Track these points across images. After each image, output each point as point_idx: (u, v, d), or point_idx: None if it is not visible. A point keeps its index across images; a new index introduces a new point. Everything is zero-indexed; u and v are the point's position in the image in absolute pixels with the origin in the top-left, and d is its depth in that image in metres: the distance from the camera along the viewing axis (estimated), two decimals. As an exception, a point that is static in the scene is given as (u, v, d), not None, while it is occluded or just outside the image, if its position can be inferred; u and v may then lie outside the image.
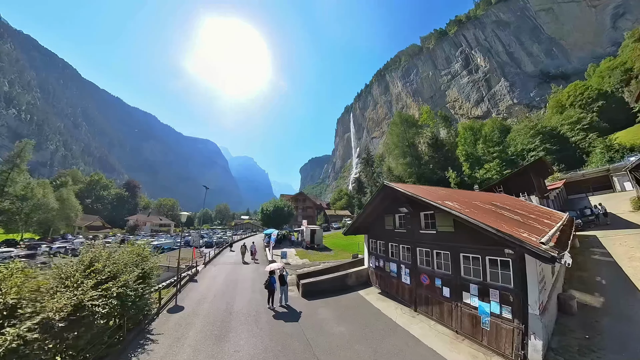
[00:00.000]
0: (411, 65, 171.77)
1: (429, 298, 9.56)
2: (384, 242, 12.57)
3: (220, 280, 15.73)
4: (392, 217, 11.91)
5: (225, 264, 20.85)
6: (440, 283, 9.11)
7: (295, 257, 21.88)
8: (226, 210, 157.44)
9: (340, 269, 14.21)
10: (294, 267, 17.85)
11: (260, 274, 16.35)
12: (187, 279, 15.38)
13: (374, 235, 13.56)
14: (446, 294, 8.81)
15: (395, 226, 11.80)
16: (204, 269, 19.16)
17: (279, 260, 19.88)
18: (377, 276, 13.00)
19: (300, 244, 30.25)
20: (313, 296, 11.76)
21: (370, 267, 13.71)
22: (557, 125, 61.59)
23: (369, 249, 13.85)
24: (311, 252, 24.60)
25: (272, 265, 11.42)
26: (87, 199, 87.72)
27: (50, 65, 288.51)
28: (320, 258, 21.40)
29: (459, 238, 8.53)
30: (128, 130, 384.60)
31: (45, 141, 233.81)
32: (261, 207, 42.94)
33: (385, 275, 12.30)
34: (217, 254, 25.29)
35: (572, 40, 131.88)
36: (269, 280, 10.66)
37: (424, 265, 10.00)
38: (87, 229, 67.96)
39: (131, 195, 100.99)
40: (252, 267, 19.83)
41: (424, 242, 10.05)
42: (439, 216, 9.31)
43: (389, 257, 12.14)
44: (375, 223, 13.25)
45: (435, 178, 41.11)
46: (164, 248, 30.61)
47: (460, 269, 8.38)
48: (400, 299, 11.14)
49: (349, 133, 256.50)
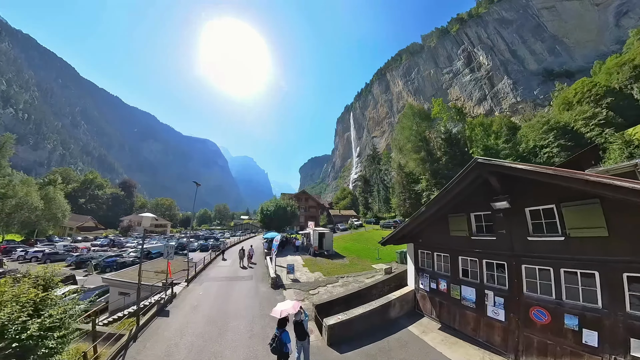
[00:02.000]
0: (412, 64, 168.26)
1: (551, 347, 5.65)
2: (448, 254, 8.63)
3: (203, 311, 10.78)
4: (465, 218, 7.97)
5: (215, 280, 16.02)
6: (576, 323, 5.28)
7: (304, 270, 17.70)
8: (225, 210, 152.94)
9: (373, 292, 10.25)
10: (305, 286, 13.68)
11: (261, 297, 12.38)
12: (155, 310, 10.45)
13: (428, 244, 9.61)
14: (590, 341, 5.08)
15: (471, 231, 7.85)
16: (186, 290, 13.97)
17: (284, 275, 15.66)
18: (434, 303, 9.05)
19: (306, 250, 26.03)
20: (346, 344, 7.68)
21: (419, 289, 9.75)
22: (570, 121, 58.74)
23: (418, 264, 9.88)
24: (321, 261, 20.39)
25: (282, 307, 6.52)
26: (80, 199, 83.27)
27: (49, 65, 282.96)
28: (335, 270, 17.27)
29: (618, 247, 4.70)
30: (127, 130, 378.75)
31: (42, 140, 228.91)
32: (260, 206, 37.70)
33: (451, 304, 8.36)
34: (207, 264, 20.62)
35: (575, 38, 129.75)
36: (278, 339, 5.96)
37: (536, 293, 6.12)
38: (78, 230, 63.63)
39: (127, 194, 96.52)
40: (249, 283, 15.24)
41: (537, 254, 6.15)
42: (573, 212, 5.41)
43: (457, 278, 8.20)
44: (430, 228, 9.32)
45: (452, 175, 37.20)
46: (151, 253, 26.53)
47: (623, 301, 4.74)
48: (483, 341, 7.21)
49: (349, 132, 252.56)
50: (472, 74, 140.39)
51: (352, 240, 31.33)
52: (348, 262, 20.21)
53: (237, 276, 16.78)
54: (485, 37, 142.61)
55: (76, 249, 35.01)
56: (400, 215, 42.83)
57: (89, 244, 42.52)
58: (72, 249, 34.27)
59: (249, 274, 17.52)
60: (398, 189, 43.27)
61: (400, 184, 42.76)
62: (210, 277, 16.75)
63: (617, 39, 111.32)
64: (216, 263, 21.60)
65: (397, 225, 36.47)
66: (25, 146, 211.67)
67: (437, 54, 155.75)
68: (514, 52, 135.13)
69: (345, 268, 17.82)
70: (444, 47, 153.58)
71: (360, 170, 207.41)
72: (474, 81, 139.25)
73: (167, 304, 11.55)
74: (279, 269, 17.03)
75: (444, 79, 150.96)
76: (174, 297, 12.42)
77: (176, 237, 58.75)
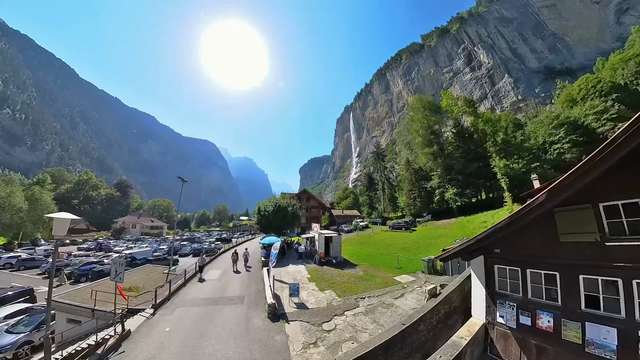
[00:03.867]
0: (412, 64, 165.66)
1: None
2: (556, 272, 5.35)
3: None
4: (591, 213, 4.72)
5: (193, 305, 11.78)
6: None
7: (311, 288, 13.31)
8: (225, 211, 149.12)
9: (420, 329, 6.88)
10: (316, 316, 9.73)
11: (251, 339, 8.25)
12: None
13: (512, 256, 6.30)
14: None
15: (603, 233, 4.59)
16: (147, 323, 9.77)
17: (285, 295, 11.87)
18: (527, 348, 5.75)
19: (310, 257, 22.18)
20: None
21: (496, 323, 6.45)
22: (580, 116, 56.44)
23: (494, 286, 6.58)
24: (330, 272, 16.62)
25: None
26: (73, 200, 79.52)
27: (47, 65, 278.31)
28: (350, 286, 13.67)
29: None
30: (126, 131, 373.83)
31: (40, 142, 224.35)
32: (257, 206, 31.36)
33: (562, 351, 5.09)
34: (188, 279, 16.11)
35: (576, 36, 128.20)
36: None
37: None
38: (68, 233, 59.95)
39: (123, 195, 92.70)
40: (238, 310, 10.99)
41: None
42: None
43: (576, 310, 4.95)
44: (518, 231, 6.03)
45: (467, 170, 34.01)
46: (136, 259, 23.10)
47: None
48: None
49: (349, 133, 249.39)
50: (473, 73, 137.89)
51: (361, 244, 27.98)
52: (362, 272, 16.79)
53: (223, 297, 12.79)
54: (485, 35, 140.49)
55: (57, 253, 31.48)
56: (410, 214, 39.59)
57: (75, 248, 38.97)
58: (52, 254, 30.80)
59: (239, 291, 13.66)
60: (407, 186, 39.99)
61: (409, 181, 39.51)
62: (187, 299, 12.60)
63: (618, 37, 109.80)
64: (204, 273, 17.91)
65: (407, 225, 33.12)
66: (23, 147, 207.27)
67: (437, 53, 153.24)
68: (515, 50, 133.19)
69: (361, 283, 14.36)
70: (444, 46, 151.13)
71: (360, 170, 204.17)
72: (475, 80, 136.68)
73: (107, 355, 7.22)
74: (279, 285, 13.43)
75: (444, 78, 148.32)
76: (124, 338, 8.26)
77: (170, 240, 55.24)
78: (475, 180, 34.17)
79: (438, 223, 32.74)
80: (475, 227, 26.18)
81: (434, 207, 38.42)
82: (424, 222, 34.45)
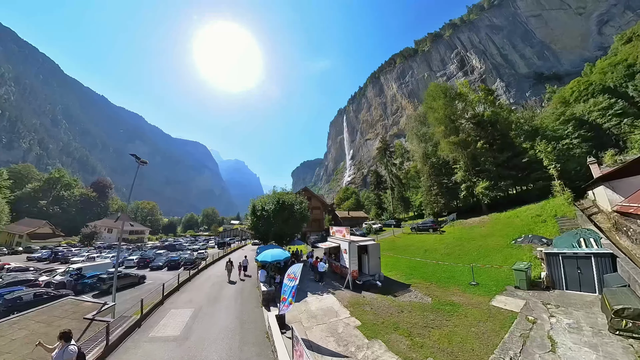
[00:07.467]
0: (406, 67, 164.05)
1: None
2: None
3: None
4: None
5: None
6: None
7: (364, 346, 6.73)
8: (214, 215, 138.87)
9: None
10: None
11: None
12: None
13: None
14: None
15: None
16: None
17: None
18: None
19: (330, 276, 14.70)
20: None
21: None
22: (585, 112, 55.42)
23: None
24: (379, 303, 9.84)
25: None
26: (41, 200, 68.87)
27: (29, 59, 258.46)
28: (440, 333, 7.06)
29: None
30: (113, 131, 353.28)
31: (17, 139, 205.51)
32: (252, 204, 24.13)
33: None
34: (122, 337, 7.86)
35: (561, 44, 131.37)
36: None
37: None
38: (29, 237, 50.16)
39: (101, 196, 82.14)
40: None
41: None
42: None
43: None
44: None
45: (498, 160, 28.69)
46: (85, 278, 15.62)
47: None
48: None
49: (342, 136, 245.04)
50: (466, 77, 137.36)
51: (390, 251, 21.66)
52: (431, 300, 10.34)
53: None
54: (477, 42, 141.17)
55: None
56: (431, 213, 33.76)
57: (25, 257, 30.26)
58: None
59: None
60: (426, 182, 34.23)
61: (428, 177, 33.86)
62: (157, 337, 6.35)
63: (599, 46, 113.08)
64: (176, 298, 10.83)
65: (435, 226, 27.32)
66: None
67: (431, 58, 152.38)
68: (505, 56, 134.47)
69: (450, 320, 7.94)
70: (437, 51, 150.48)
71: (354, 172, 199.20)
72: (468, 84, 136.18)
73: None
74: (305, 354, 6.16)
75: (437, 82, 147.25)
76: None
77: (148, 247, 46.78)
78: (509, 172, 28.93)
79: (468, 222, 27.08)
80: (525, 221, 20.96)
81: (458, 205, 32.92)
82: (450, 222, 28.72)
